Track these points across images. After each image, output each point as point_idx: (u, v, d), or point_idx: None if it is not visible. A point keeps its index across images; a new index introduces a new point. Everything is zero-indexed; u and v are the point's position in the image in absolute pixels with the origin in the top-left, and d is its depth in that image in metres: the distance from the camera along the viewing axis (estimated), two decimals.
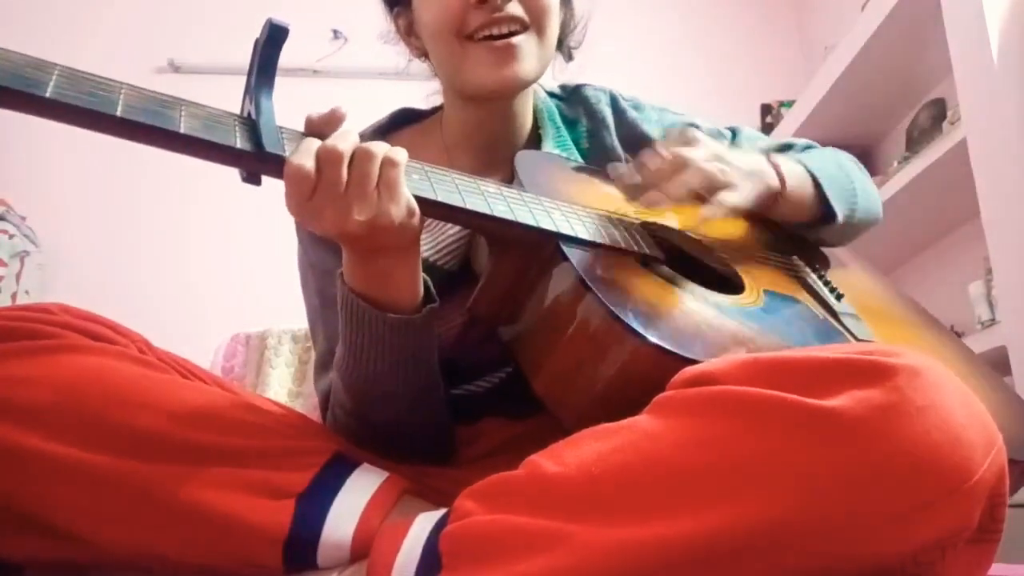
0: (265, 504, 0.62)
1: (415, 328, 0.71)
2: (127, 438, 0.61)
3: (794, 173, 0.88)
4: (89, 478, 0.60)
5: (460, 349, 0.83)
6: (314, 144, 0.62)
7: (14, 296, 2.35)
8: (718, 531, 0.50)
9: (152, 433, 0.62)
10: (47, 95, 0.52)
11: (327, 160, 0.61)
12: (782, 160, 0.88)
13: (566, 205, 0.76)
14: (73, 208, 2.60)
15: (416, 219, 0.66)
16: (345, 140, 0.63)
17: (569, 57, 0.98)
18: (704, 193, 0.77)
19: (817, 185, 0.89)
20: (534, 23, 0.83)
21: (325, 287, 0.87)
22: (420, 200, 0.66)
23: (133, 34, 2.69)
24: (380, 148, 0.64)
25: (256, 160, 0.61)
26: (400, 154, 0.64)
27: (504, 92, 0.85)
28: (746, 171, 0.81)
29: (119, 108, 0.55)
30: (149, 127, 0.56)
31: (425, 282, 0.73)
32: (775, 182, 0.85)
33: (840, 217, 0.90)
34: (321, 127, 0.65)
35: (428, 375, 0.76)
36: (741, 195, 0.79)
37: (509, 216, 0.70)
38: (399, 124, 0.96)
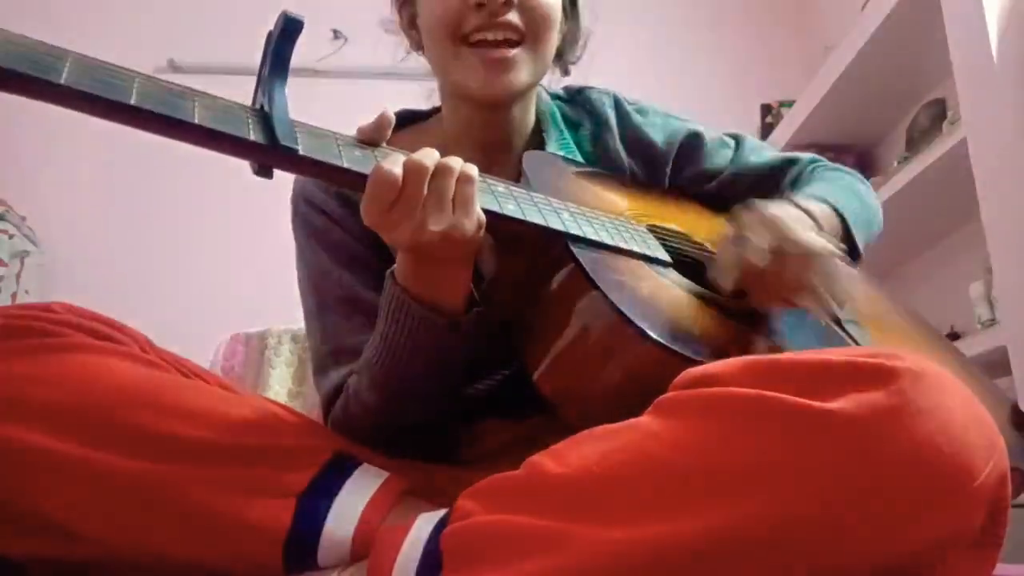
0: (265, 503, 0.62)
1: (464, 330, 0.72)
2: (129, 437, 0.61)
3: (826, 219, 0.85)
4: (91, 477, 0.60)
5: None
6: (400, 156, 0.65)
7: (14, 296, 2.35)
8: (719, 532, 0.50)
9: (154, 432, 0.62)
10: (61, 82, 0.52)
11: (412, 172, 0.64)
12: (813, 206, 0.84)
13: (574, 206, 0.76)
14: (73, 208, 2.60)
15: (482, 232, 0.68)
16: (429, 157, 0.65)
17: (565, 72, 0.98)
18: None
19: (845, 225, 0.87)
20: (530, 35, 0.83)
21: (321, 288, 0.87)
22: None
23: (133, 34, 2.69)
24: (457, 164, 0.66)
25: (269, 153, 0.61)
26: (473, 170, 0.67)
27: (493, 101, 0.86)
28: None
29: (133, 97, 0.54)
30: (162, 117, 0.56)
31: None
32: None
33: (862, 254, 0.89)
34: (373, 134, 0.67)
35: (460, 375, 0.77)
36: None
37: (519, 215, 0.70)
38: (399, 124, 0.96)
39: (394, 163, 0.64)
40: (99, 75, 0.54)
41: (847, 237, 0.88)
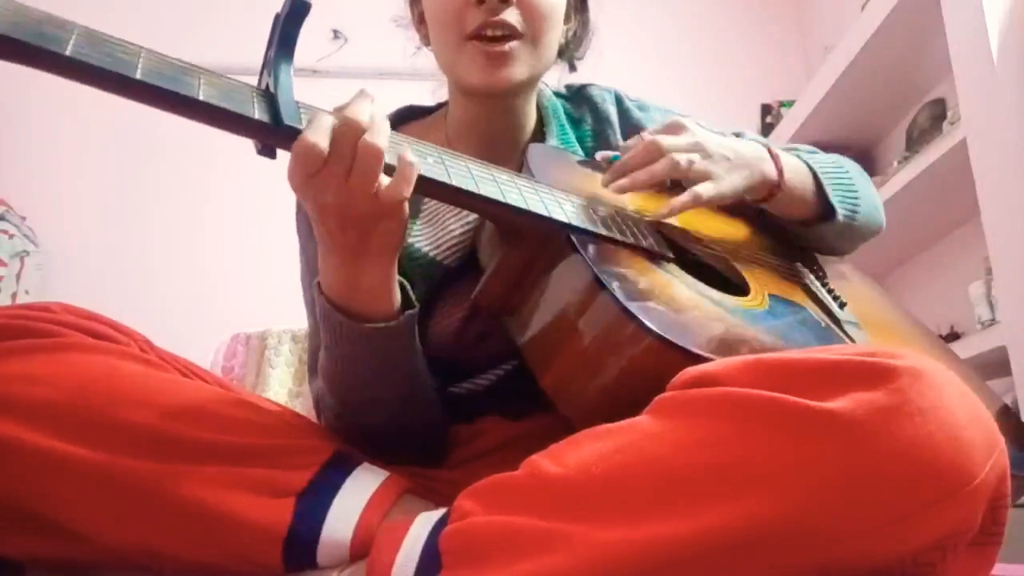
0: (265, 503, 0.62)
1: (392, 336, 0.70)
2: (129, 436, 0.61)
3: (793, 166, 0.87)
4: (90, 476, 0.60)
5: (458, 345, 0.83)
6: (329, 120, 0.61)
7: (14, 296, 2.36)
8: (718, 531, 0.50)
9: (153, 431, 0.62)
10: (67, 53, 0.52)
11: (342, 132, 0.61)
12: (781, 152, 0.87)
13: (577, 198, 0.76)
14: (73, 208, 2.60)
15: (403, 224, 0.66)
16: (363, 113, 0.62)
17: (572, 68, 0.99)
18: (681, 182, 0.77)
19: (817, 181, 0.89)
20: (529, 32, 0.83)
21: (312, 285, 0.87)
22: (433, 184, 0.67)
23: (133, 34, 2.68)
24: (382, 138, 0.62)
25: (273, 132, 0.61)
26: (413, 165, 0.64)
27: (493, 93, 0.86)
28: (734, 162, 0.80)
29: (138, 71, 0.54)
30: (167, 91, 0.55)
31: (404, 287, 0.73)
32: (772, 173, 0.84)
33: (840, 216, 0.89)
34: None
35: (412, 380, 0.76)
36: (719, 187, 0.78)
37: (522, 205, 0.70)
38: (404, 120, 0.97)
39: (319, 131, 0.60)
40: (105, 48, 0.54)
41: (819, 193, 0.89)
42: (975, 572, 0.55)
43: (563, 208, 0.72)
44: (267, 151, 0.63)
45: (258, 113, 0.59)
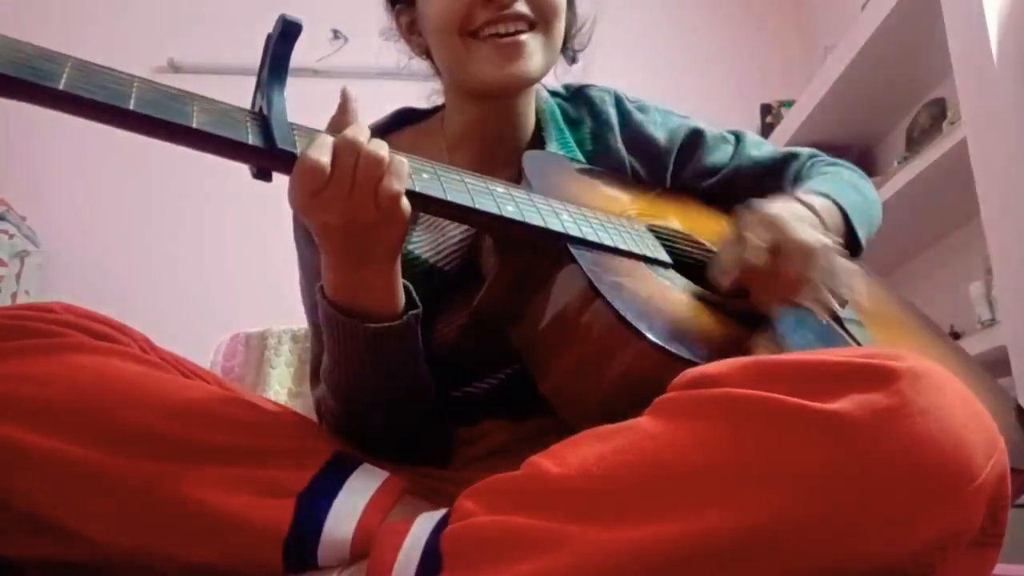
0: (266, 503, 0.62)
1: (395, 336, 0.71)
2: (129, 437, 0.62)
3: (829, 214, 0.85)
4: (90, 476, 0.60)
5: (460, 350, 0.83)
6: (327, 138, 0.62)
7: (14, 296, 2.35)
8: (718, 532, 0.50)
9: (154, 432, 0.62)
10: (60, 87, 0.52)
11: (343, 150, 0.62)
12: (816, 201, 0.84)
13: (574, 207, 0.76)
14: (73, 208, 2.60)
15: (405, 229, 0.67)
16: (361, 131, 0.63)
17: (573, 60, 0.98)
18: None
19: (846, 220, 0.88)
20: (540, 22, 0.83)
21: (315, 289, 0.87)
22: (429, 199, 0.67)
23: (133, 34, 2.70)
24: (383, 150, 0.63)
25: (267, 156, 0.61)
26: (402, 166, 0.64)
27: (509, 89, 0.85)
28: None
29: (131, 102, 0.55)
30: (161, 121, 0.56)
31: (408, 289, 0.73)
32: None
33: (864, 247, 0.89)
34: (342, 119, 0.66)
35: (414, 381, 0.76)
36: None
37: (518, 217, 0.70)
38: (400, 123, 0.96)
39: (320, 149, 0.61)
40: (98, 80, 0.54)
41: (848, 230, 0.88)
42: (976, 573, 0.55)
43: (560, 218, 0.72)
44: (262, 175, 0.63)
45: (252, 138, 0.59)
